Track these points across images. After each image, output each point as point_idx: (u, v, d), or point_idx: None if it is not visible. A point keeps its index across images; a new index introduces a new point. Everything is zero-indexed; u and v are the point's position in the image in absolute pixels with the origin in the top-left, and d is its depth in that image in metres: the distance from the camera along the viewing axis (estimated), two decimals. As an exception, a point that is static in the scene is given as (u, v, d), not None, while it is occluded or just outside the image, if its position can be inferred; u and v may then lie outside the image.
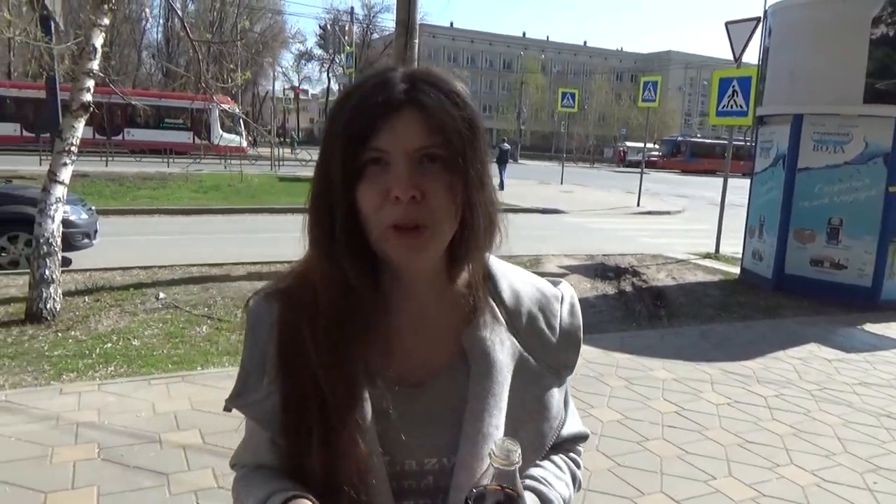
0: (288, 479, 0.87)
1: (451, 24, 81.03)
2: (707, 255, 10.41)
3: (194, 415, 3.76)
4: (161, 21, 51.59)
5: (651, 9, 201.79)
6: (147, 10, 49.54)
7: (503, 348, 0.91)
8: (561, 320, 0.97)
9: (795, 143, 7.71)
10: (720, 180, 11.16)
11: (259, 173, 21.68)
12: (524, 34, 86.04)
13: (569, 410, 1.00)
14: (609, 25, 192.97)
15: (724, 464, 3.56)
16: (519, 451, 0.75)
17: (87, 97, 5.42)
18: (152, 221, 12.38)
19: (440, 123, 0.80)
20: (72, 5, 8.78)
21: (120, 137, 28.89)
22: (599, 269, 8.59)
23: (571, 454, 1.02)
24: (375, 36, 61.89)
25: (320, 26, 60.50)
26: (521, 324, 0.94)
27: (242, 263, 7.84)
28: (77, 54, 6.64)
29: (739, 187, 11.61)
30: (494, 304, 0.93)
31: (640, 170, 19.45)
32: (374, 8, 61.78)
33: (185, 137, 30.16)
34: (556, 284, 1.01)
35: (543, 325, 0.95)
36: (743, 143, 37.25)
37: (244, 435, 0.97)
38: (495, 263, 0.97)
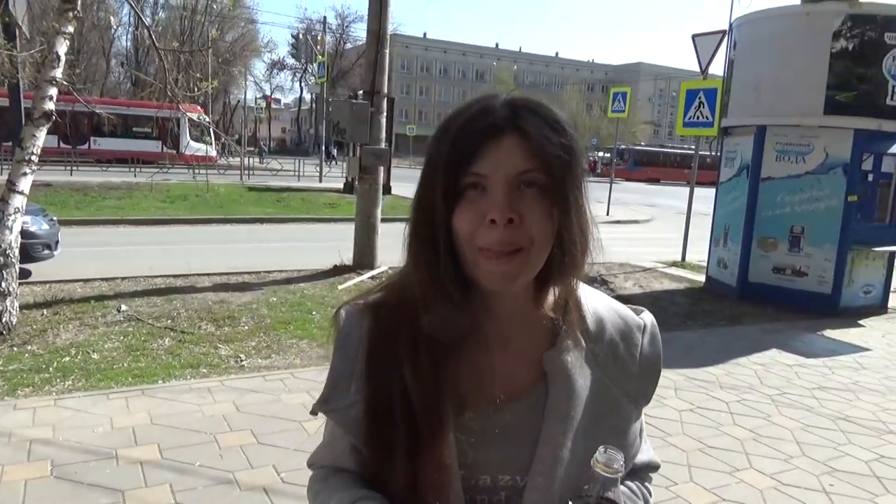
0: (368, 487, 0.89)
1: (425, 34, 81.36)
2: (674, 264, 10.55)
3: (153, 429, 3.69)
4: (131, 29, 50.96)
5: (622, 21, 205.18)
6: (113, 17, 48.67)
7: (583, 373, 0.92)
8: (641, 350, 0.97)
9: (759, 154, 7.87)
10: (697, 189, 11.31)
11: (228, 183, 21.46)
12: (497, 45, 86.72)
13: (643, 439, 1.01)
14: (580, 37, 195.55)
15: (685, 469, 3.60)
16: (622, 459, 0.76)
17: (50, 105, 5.32)
18: (117, 232, 12.17)
19: (540, 149, 0.81)
20: (34, 12, 8.59)
21: (86, 146, 28.36)
22: (568, 278, 8.65)
23: (646, 483, 1.03)
24: (348, 46, 61.88)
25: (293, 35, 60.47)
26: (603, 350, 0.95)
27: (208, 274, 7.73)
28: (40, 62, 6.51)
29: (701, 197, 11.81)
30: (577, 329, 0.94)
31: (609, 179, 19.66)
32: (348, 18, 61.86)
33: (153, 146, 29.67)
34: (638, 313, 1.01)
35: (624, 354, 0.96)
36: (703, 153, 37.61)
37: (325, 437, 0.99)
38: (579, 288, 0.97)
